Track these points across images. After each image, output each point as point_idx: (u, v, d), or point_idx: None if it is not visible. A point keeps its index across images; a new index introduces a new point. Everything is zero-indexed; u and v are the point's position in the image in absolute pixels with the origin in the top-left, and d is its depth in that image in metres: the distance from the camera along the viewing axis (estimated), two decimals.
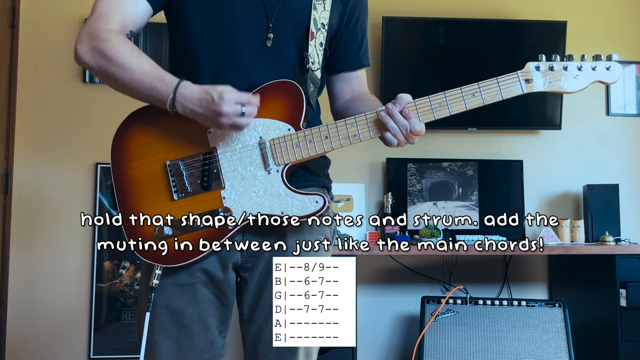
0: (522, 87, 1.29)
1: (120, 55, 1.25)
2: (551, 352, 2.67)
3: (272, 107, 1.30)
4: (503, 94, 1.28)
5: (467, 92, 1.28)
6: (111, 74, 1.26)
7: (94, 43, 1.26)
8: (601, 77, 1.29)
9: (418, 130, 1.28)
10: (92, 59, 1.27)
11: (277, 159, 1.29)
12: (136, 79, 1.25)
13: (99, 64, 1.27)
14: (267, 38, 1.35)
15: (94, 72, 1.30)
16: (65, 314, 3.07)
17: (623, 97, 3.47)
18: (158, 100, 1.25)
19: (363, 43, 1.51)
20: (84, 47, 1.27)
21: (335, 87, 1.51)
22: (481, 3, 3.42)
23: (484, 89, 1.28)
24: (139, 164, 1.31)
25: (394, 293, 3.26)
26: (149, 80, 1.24)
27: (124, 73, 1.25)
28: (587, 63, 1.29)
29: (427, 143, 3.28)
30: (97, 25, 1.28)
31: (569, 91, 1.29)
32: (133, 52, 1.26)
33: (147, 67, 1.25)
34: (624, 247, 2.86)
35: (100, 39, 1.26)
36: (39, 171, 3.12)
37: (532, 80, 1.28)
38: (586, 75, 1.28)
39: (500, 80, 1.28)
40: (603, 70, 1.29)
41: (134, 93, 1.28)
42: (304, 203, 1.28)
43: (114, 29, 1.28)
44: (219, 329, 1.37)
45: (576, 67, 1.28)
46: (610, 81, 1.29)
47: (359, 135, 1.30)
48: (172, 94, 1.23)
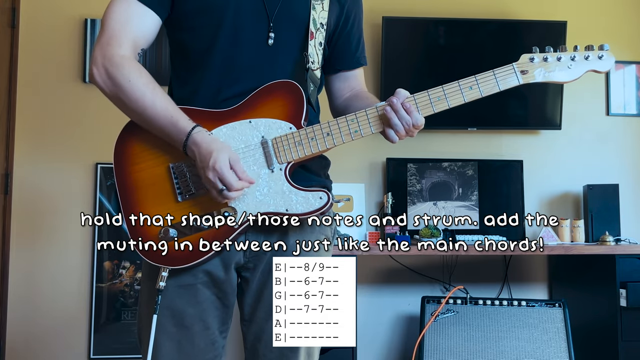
0: (518, 78, 1.31)
1: (134, 88, 1.26)
2: (551, 352, 2.67)
3: (273, 107, 1.31)
4: (500, 86, 1.31)
5: (464, 85, 1.30)
6: (125, 104, 1.29)
7: (108, 69, 1.27)
8: (594, 66, 1.32)
9: (419, 124, 1.29)
10: (105, 85, 1.29)
11: (280, 158, 1.30)
12: (149, 117, 1.27)
13: (112, 92, 1.29)
14: (268, 37, 1.35)
15: (108, 96, 1.31)
16: (65, 314, 3.07)
17: (623, 97, 3.46)
18: (171, 140, 1.28)
19: (360, 42, 1.52)
20: (99, 71, 1.28)
21: (334, 86, 1.52)
22: (481, 3, 3.42)
23: (481, 81, 1.30)
24: (143, 167, 1.32)
25: (394, 293, 3.26)
26: (162, 120, 1.26)
27: (137, 108, 1.27)
28: (580, 53, 1.32)
29: (427, 143, 3.28)
30: (110, 48, 1.28)
31: (563, 81, 1.32)
32: (147, 87, 1.27)
33: (160, 107, 1.27)
34: (624, 247, 2.86)
35: (114, 66, 1.27)
36: (39, 171, 3.12)
37: (527, 71, 1.31)
38: (579, 64, 1.31)
39: (497, 72, 1.31)
40: (596, 59, 1.32)
41: (146, 126, 1.30)
42: (308, 199, 1.28)
43: (126, 55, 1.29)
44: (219, 329, 1.37)
45: (569, 58, 1.31)
46: (603, 70, 1.32)
47: (360, 131, 1.31)
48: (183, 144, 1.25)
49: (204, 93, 1.34)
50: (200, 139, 1.24)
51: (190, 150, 1.25)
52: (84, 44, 3.17)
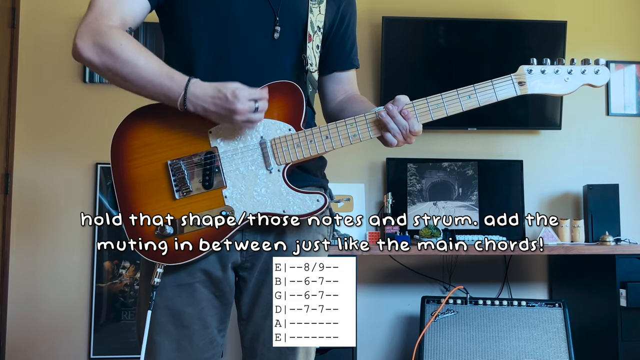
0: (516, 89, 1.33)
1: (127, 51, 1.24)
2: (551, 352, 2.67)
3: (272, 108, 1.30)
4: (497, 96, 1.33)
5: (463, 93, 1.32)
6: (117, 71, 1.25)
7: (96, 39, 1.25)
8: (590, 81, 1.34)
9: (417, 131, 1.30)
10: (95, 55, 1.25)
11: (279, 159, 1.30)
12: (144, 77, 1.24)
13: (102, 60, 1.25)
14: (274, 30, 1.36)
15: (95, 68, 1.28)
16: (65, 314, 3.07)
17: (623, 97, 3.46)
18: (168, 98, 1.25)
19: (354, 44, 1.53)
20: (86, 43, 1.25)
21: (328, 89, 1.53)
22: (481, 3, 3.42)
23: (479, 90, 1.32)
24: (140, 163, 1.31)
25: (394, 293, 3.26)
26: (157, 78, 1.24)
27: (131, 70, 1.24)
28: (577, 67, 1.35)
29: (427, 143, 3.29)
30: (97, 22, 1.26)
31: (559, 94, 1.35)
32: (140, 49, 1.26)
33: (155, 65, 1.25)
34: (624, 247, 2.86)
35: (103, 34, 1.25)
36: (39, 171, 3.12)
37: (525, 82, 1.33)
38: (576, 78, 1.34)
39: (495, 83, 1.33)
40: (592, 73, 1.34)
41: (140, 90, 1.27)
42: (305, 202, 1.29)
43: (115, 25, 1.27)
44: (218, 328, 1.37)
45: (566, 71, 1.34)
46: (599, 84, 1.35)
47: (359, 136, 1.32)
48: (182, 92, 1.23)
49: None
50: (200, 85, 1.23)
51: (193, 101, 1.23)
52: None
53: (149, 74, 1.24)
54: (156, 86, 1.25)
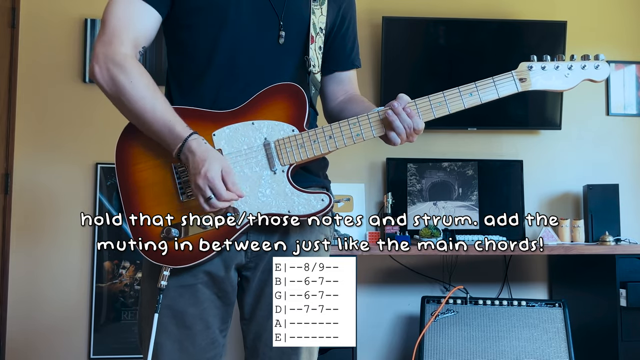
0: (517, 85, 1.34)
1: (136, 90, 1.26)
2: (551, 352, 2.67)
3: (275, 109, 1.31)
4: (499, 93, 1.34)
5: (464, 91, 1.33)
6: (123, 105, 1.28)
7: (110, 68, 1.27)
8: (590, 76, 1.36)
9: (420, 129, 1.31)
10: (106, 83, 1.28)
11: (283, 159, 1.31)
12: (147, 120, 1.26)
13: (112, 91, 1.28)
14: (279, 36, 1.36)
15: (106, 94, 1.30)
16: (65, 314, 3.07)
17: (623, 97, 3.46)
18: (167, 145, 1.27)
19: (355, 44, 1.54)
20: (101, 69, 1.28)
21: (329, 89, 1.53)
22: (481, 3, 3.42)
23: (480, 88, 1.33)
24: (145, 167, 1.32)
25: (394, 293, 3.26)
26: (159, 126, 1.26)
27: (137, 111, 1.27)
28: (577, 62, 1.36)
29: (427, 143, 3.29)
30: (112, 47, 1.28)
31: (560, 89, 1.37)
32: (148, 89, 1.27)
33: (160, 112, 1.26)
34: (624, 247, 2.86)
35: (117, 65, 1.27)
36: (39, 171, 3.12)
37: (526, 79, 1.34)
38: (576, 74, 1.36)
39: (496, 80, 1.34)
40: (592, 69, 1.35)
41: (140, 127, 1.30)
42: (310, 202, 1.29)
43: (128, 54, 1.28)
44: (219, 328, 1.38)
45: (567, 67, 1.35)
46: (599, 79, 1.37)
47: (362, 135, 1.32)
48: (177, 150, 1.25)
49: (205, 93, 1.34)
50: (196, 146, 1.24)
51: (185, 156, 1.25)
52: (84, 44, 3.17)
53: (152, 120, 1.26)
54: (155, 133, 1.27)
